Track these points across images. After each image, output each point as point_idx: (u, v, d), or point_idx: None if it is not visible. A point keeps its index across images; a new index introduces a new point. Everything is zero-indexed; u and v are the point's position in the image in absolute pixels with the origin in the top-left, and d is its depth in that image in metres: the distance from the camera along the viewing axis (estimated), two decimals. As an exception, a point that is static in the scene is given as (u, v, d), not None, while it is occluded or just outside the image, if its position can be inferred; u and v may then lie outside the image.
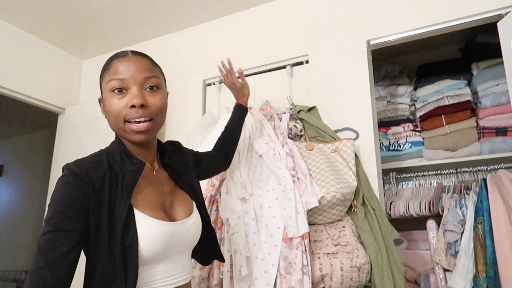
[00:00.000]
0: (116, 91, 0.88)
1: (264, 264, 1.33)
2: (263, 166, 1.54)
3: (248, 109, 1.58)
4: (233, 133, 1.47)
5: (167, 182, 1.00)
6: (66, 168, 0.84)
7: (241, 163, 1.56)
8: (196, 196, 1.05)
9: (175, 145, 1.14)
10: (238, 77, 1.62)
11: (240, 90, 1.58)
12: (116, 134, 0.96)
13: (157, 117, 0.92)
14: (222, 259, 1.16)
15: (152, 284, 0.87)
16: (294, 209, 1.36)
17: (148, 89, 0.91)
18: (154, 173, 0.98)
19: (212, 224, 1.51)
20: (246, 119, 1.69)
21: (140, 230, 0.84)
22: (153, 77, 0.92)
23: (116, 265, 0.80)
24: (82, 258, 0.83)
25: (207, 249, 1.10)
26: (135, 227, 0.83)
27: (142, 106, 0.88)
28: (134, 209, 0.86)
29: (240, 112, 1.52)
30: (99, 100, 0.97)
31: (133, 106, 0.87)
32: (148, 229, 0.85)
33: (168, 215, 0.93)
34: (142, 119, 0.89)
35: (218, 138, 1.45)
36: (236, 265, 1.39)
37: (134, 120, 0.88)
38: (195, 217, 1.00)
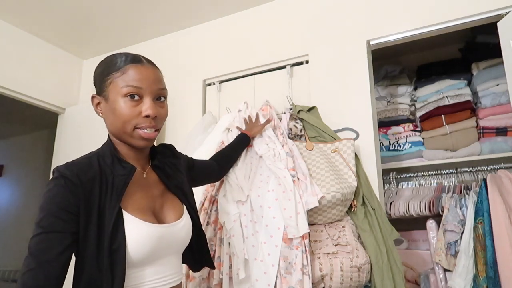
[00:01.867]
0: (129, 97, 0.89)
1: (263, 265, 1.32)
2: (263, 167, 1.53)
3: (251, 141, 1.65)
4: (232, 154, 1.55)
5: (157, 185, 1.01)
6: (57, 170, 0.84)
7: (238, 165, 1.55)
8: (187, 199, 1.06)
9: (168, 148, 1.14)
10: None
11: (253, 127, 1.66)
12: (108, 137, 0.97)
13: (161, 126, 0.96)
14: (212, 266, 1.17)
15: (141, 286, 0.87)
16: (294, 210, 1.36)
17: (157, 99, 0.94)
18: (145, 176, 0.99)
19: (213, 224, 1.52)
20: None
21: (129, 233, 0.84)
22: (164, 89, 0.96)
23: (103, 269, 0.81)
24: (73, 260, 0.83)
25: (197, 255, 1.10)
26: (123, 231, 0.84)
27: (155, 117, 0.91)
28: (124, 212, 0.86)
29: (243, 142, 1.59)
30: (92, 97, 0.96)
31: (147, 116, 0.90)
32: (137, 231, 0.86)
33: (158, 218, 0.94)
34: (153, 128, 0.92)
35: (217, 152, 1.52)
36: (234, 268, 1.39)
37: (145, 128, 0.91)
38: (186, 219, 1.00)
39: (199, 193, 1.62)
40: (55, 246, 0.77)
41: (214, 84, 2.26)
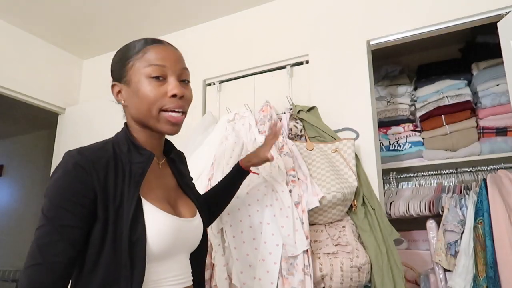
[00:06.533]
0: (154, 78, 0.84)
1: (262, 284, 1.31)
2: (260, 179, 1.49)
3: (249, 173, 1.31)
4: (227, 196, 1.26)
5: (171, 178, 0.96)
6: (68, 155, 0.77)
7: None
8: (197, 201, 1.00)
9: (180, 155, 1.09)
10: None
11: (260, 159, 1.26)
12: (125, 124, 0.91)
13: (187, 110, 0.90)
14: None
15: (159, 282, 0.81)
16: (292, 227, 1.34)
17: (181, 81, 0.89)
18: (160, 167, 0.94)
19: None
20: (242, 130, 1.69)
21: (149, 223, 0.78)
22: (187, 70, 0.93)
23: (121, 263, 0.74)
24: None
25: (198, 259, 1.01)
26: (143, 221, 0.78)
27: (182, 97, 0.86)
28: (143, 200, 0.81)
29: (240, 179, 1.28)
30: (112, 85, 0.90)
31: (174, 95, 0.85)
32: (158, 222, 0.80)
33: (175, 210, 0.88)
34: (180, 110, 0.86)
35: (211, 189, 1.27)
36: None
37: (172, 109, 0.85)
38: (199, 220, 0.95)
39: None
40: (62, 240, 0.71)
41: (214, 84, 2.26)
